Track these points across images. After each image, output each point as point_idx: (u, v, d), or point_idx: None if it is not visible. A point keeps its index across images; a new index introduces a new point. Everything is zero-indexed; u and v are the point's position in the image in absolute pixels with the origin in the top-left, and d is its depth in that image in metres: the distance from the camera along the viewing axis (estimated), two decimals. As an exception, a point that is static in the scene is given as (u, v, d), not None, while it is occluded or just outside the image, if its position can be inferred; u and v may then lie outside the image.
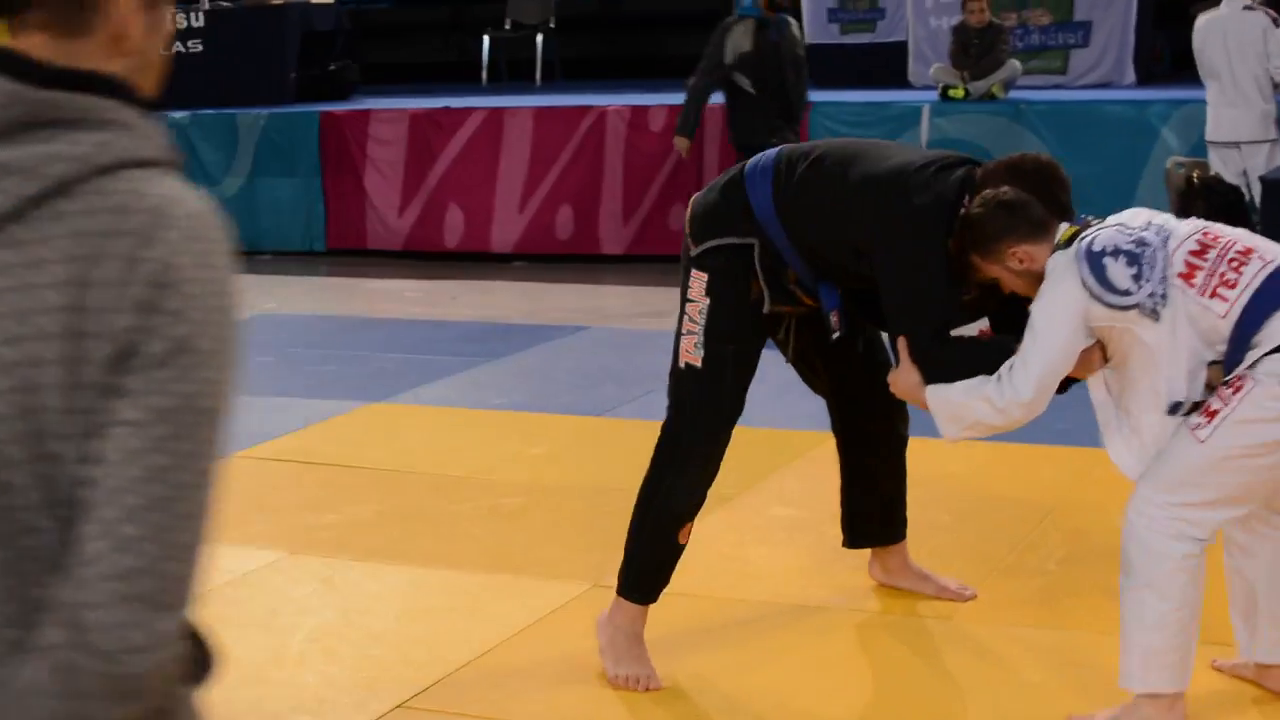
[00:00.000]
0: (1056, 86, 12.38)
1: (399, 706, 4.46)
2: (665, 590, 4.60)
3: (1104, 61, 12.38)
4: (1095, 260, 3.79)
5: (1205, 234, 3.87)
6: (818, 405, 5.05)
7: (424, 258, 12.54)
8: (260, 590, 5.40)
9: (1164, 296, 3.74)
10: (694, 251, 4.48)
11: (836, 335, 4.47)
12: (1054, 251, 3.91)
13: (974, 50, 11.15)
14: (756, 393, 4.62)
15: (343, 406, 7.80)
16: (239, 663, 4.60)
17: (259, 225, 13.15)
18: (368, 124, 12.78)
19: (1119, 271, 3.77)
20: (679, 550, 4.56)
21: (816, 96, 11.79)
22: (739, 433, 4.63)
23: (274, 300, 10.91)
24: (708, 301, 4.42)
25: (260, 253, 13.07)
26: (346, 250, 12.94)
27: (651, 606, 4.58)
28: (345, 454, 6.95)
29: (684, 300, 4.48)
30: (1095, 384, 3.99)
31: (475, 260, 12.41)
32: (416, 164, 12.61)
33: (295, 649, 4.88)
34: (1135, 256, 3.77)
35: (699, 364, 4.44)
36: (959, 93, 11.01)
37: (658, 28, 16.54)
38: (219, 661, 1.75)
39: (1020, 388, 3.87)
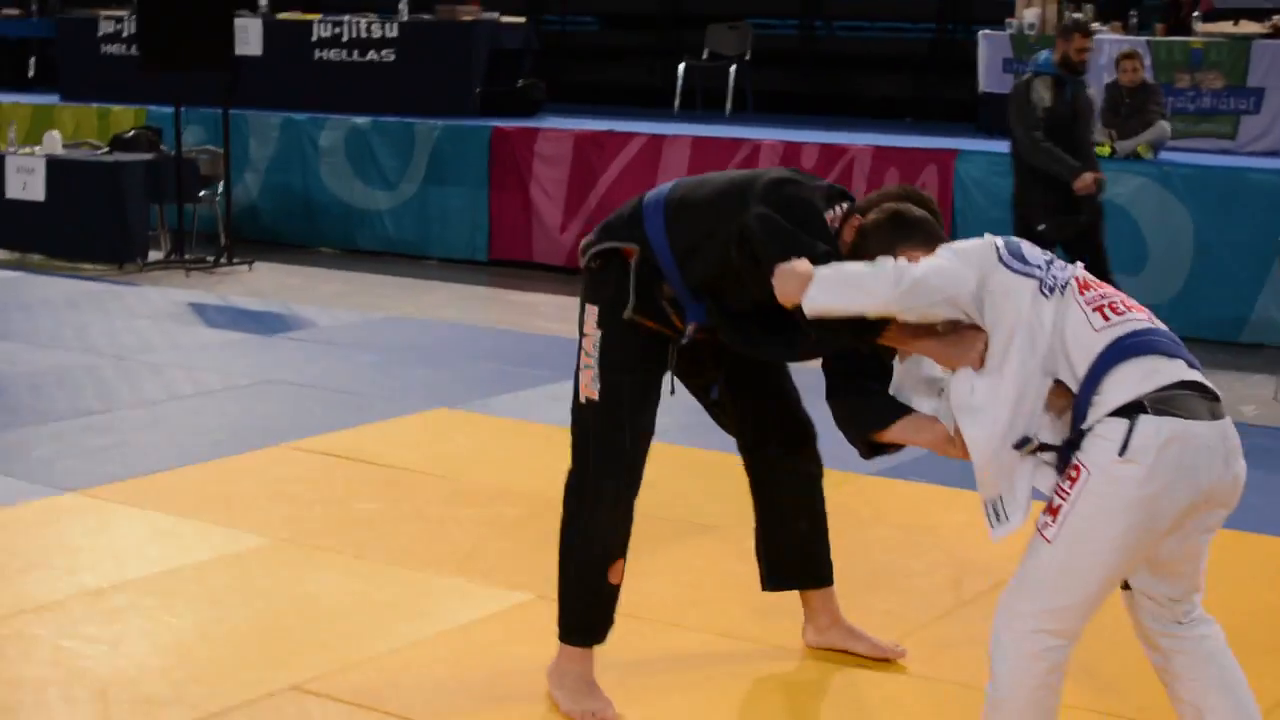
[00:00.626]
0: (1224, 152, 12.12)
1: (294, 687, 4.61)
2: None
3: (1274, 129, 12.09)
4: (1011, 242, 3.77)
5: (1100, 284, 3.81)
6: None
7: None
8: (226, 573, 5.61)
9: (1062, 289, 3.68)
10: (582, 261, 4.51)
11: (684, 341, 4.43)
12: None
13: (1124, 109, 11.02)
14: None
15: (414, 409, 7.98)
16: (172, 631, 4.88)
17: (428, 231, 13.54)
18: (535, 141, 13.03)
19: (1033, 251, 3.75)
20: (612, 590, 4.53)
21: (965, 145, 11.77)
22: (732, 461, 4.70)
23: (413, 305, 11.24)
24: (600, 333, 4.44)
25: (426, 257, 13.44)
26: (509, 261, 13.20)
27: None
28: (383, 454, 7.15)
29: (580, 334, 4.50)
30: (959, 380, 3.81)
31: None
32: (579, 183, 12.83)
33: (227, 626, 5.08)
34: (1047, 256, 3.76)
35: (597, 397, 4.45)
36: (1104, 150, 10.85)
37: (856, 67, 16.56)
38: None
39: (902, 278, 3.71)
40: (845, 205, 4.22)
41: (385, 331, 10.10)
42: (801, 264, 3.89)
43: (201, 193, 13.18)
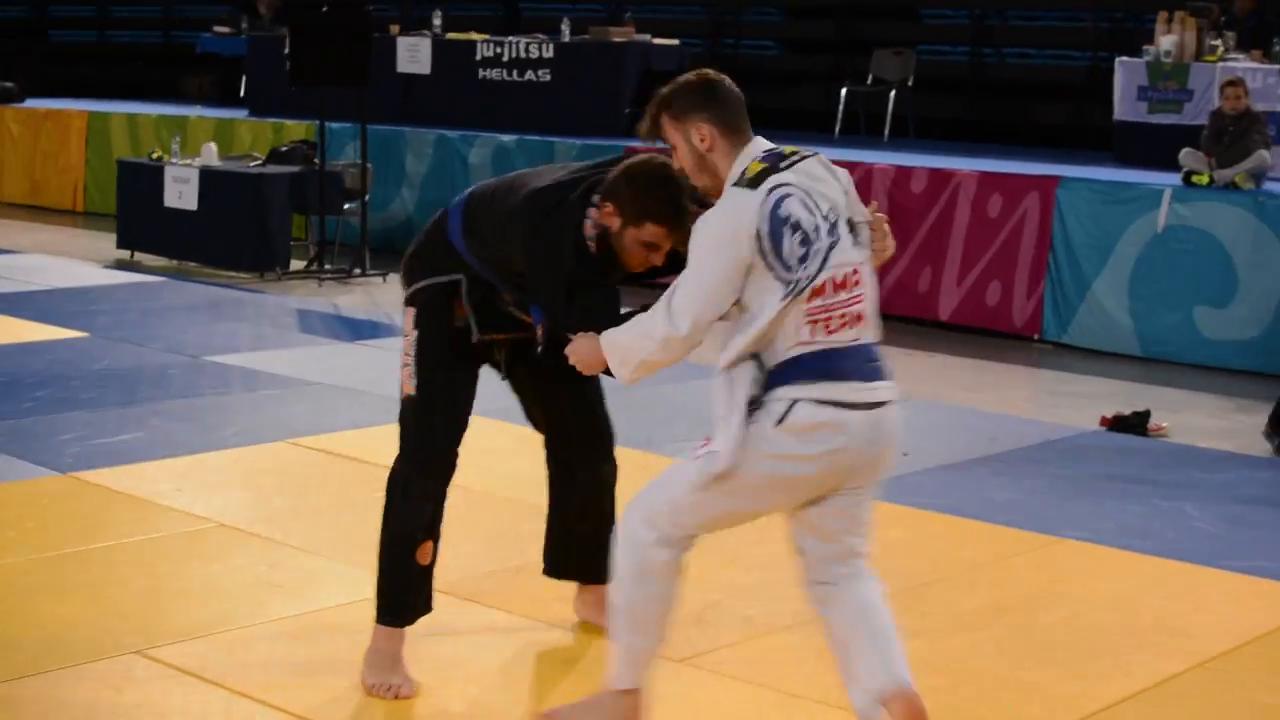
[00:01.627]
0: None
1: (138, 651, 4.91)
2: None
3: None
4: (777, 224, 3.87)
5: (854, 271, 3.96)
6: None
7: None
8: (154, 550, 5.93)
9: (800, 292, 3.87)
10: (405, 293, 4.79)
11: (540, 348, 4.68)
12: (740, 182, 3.95)
13: (1226, 137, 10.83)
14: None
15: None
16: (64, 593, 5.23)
17: (566, 249, 13.79)
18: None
19: (791, 248, 3.88)
20: (423, 571, 4.77)
21: (1068, 171, 11.68)
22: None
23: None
24: (416, 334, 4.72)
25: (564, 275, 13.71)
26: (641, 280, 13.39)
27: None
28: (380, 452, 7.37)
29: (402, 336, 4.78)
30: None
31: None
32: (706, 204, 13.00)
33: (111, 597, 5.40)
34: (807, 240, 3.89)
35: (414, 392, 4.71)
36: (1203, 179, 10.70)
37: (1023, 94, 16.47)
38: None
39: (678, 323, 3.93)
40: (597, 197, 4.39)
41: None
42: (585, 346, 4.22)
43: (346, 205, 13.65)
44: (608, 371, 4.23)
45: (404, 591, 4.76)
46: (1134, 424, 8.36)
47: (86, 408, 8.08)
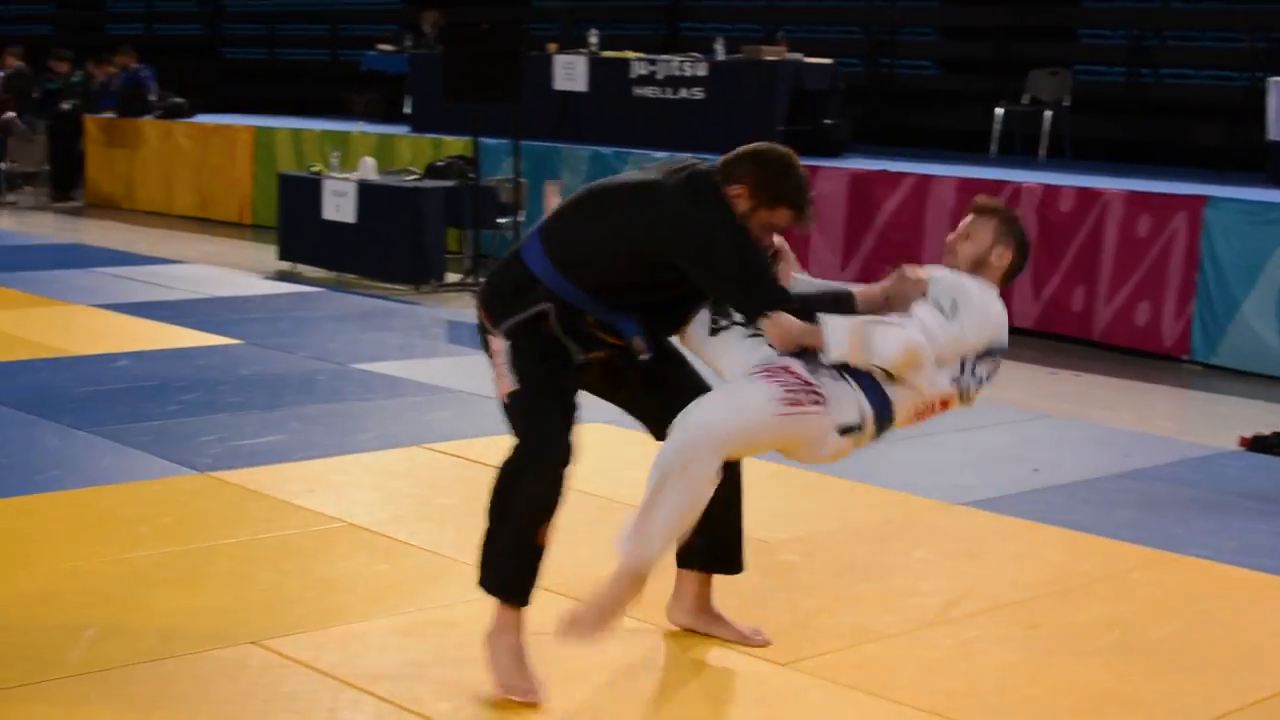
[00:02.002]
0: None
1: (254, 642, 5.06)
2: None
3: None
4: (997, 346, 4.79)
5: None
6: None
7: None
8: (278, 548, 6.11)
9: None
10: (492, 333, 4.81)
11: (646, 357, 4.76)
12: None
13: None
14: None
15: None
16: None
17: (716, 266, 13.88)
18: (813, 180, 13.24)
19: (985, 371, 4.84)
20: (539, 552, 4.78)
21: (1219, 192, 11.55)
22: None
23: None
24: (508, 343, 4.75)
25: (712, 291, 13.80)
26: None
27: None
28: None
29: (491, 365, 4.82)
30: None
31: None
32: (855, 221, 13.05)
33: (235, 591, 5.55)
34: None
35: (517, 387, 4.75)
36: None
37: (1180, 114, 16.29)
38: None
39: (924, 343, 4.57)
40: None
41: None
42: (791, 324, 4.58)
43: (500, 220, 13.84)
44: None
45: (523, 570, 4.77)
46: (1273, 444, 8.25)
47: (230, 411, 8.29)
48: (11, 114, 20.48)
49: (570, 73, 15.84)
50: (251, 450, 7.49)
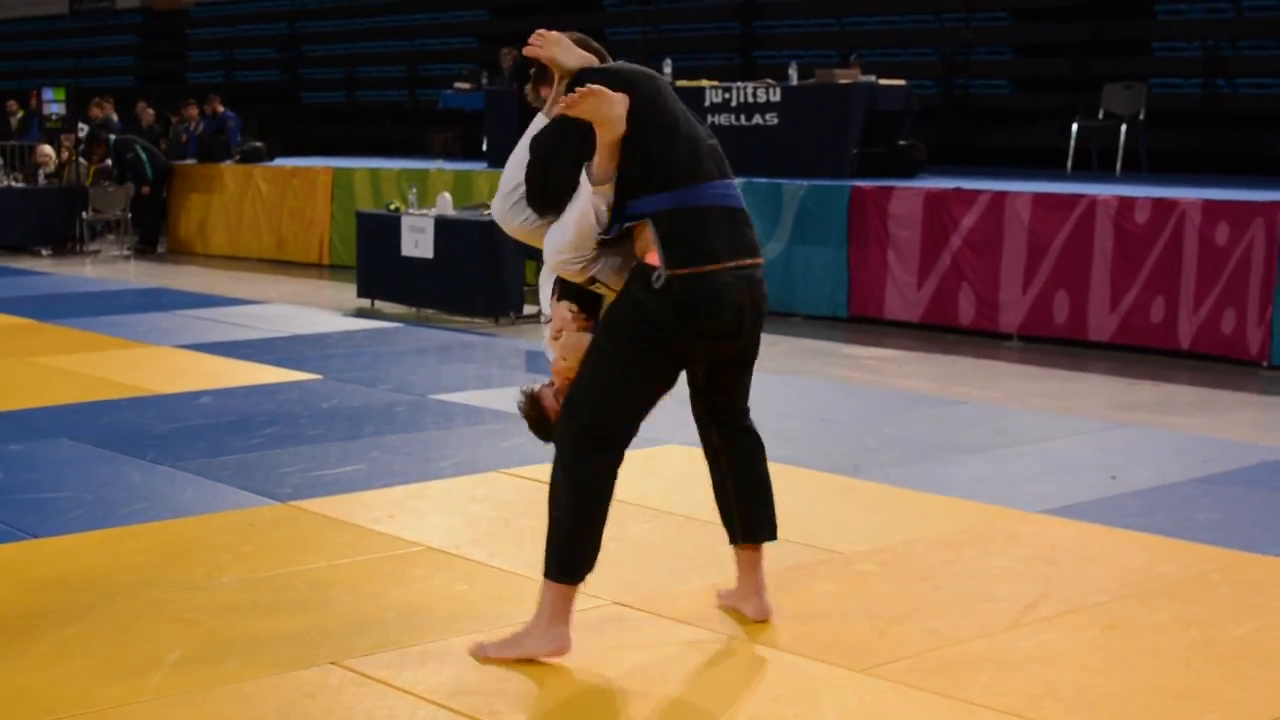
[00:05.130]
0: None
1: (333, 662, 5.11)
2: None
3: None
4: None
5: None
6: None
7: (938, 330, 13.00)
8: (358, 572, 6.17)
9: None
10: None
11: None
12: None
13: None
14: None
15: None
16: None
17: (793, 290, 13.93)
18: (889, 201, 13.31)
19: None
20: (598, 533, 5.11)
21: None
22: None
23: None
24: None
25: (792, 315, 13.85)
26: (867, 318, 13.50)
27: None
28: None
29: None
30: None
31: (983, 336, 12.72)
32: (931, 240, 13.04)
33: (315, 614, 5.61)
34: None
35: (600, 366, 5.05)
36: None
37: (1257, 125, 16.18)
38: None
39: None
40: None
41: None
42: None
43: (577, 250, 13.88)
44: None
45: (581, 550, 5.01)
46: (1355, 447, 8.17)
47: (311, 442, 8.38)
48: (108, 162, 20.80)
49: (643, 103, 15.89)
50: (332, 480, 7.57)
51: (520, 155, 5.15)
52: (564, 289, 5.22)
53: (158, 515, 6.92)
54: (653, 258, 4.89)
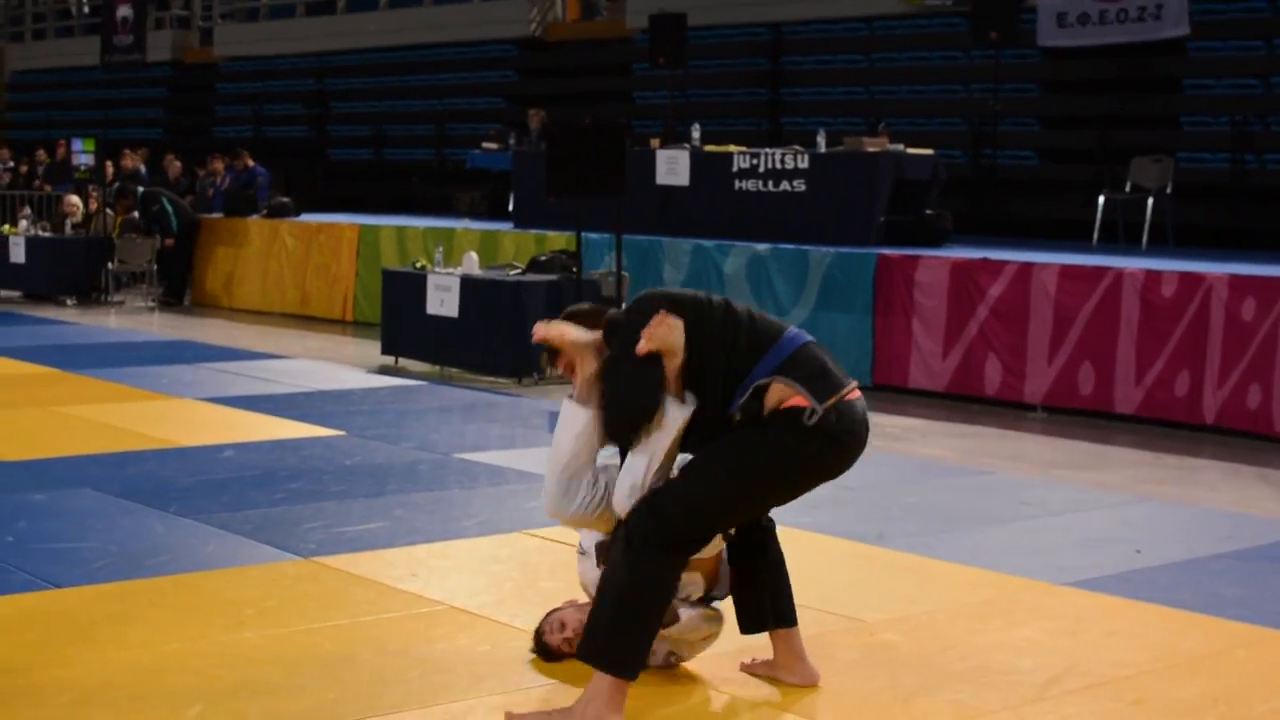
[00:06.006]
0: None
1: (356, 724, 5.11)
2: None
3: None
4: None
5: None
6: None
7: (963, 400, 12.99)
8: (381, 630, 6.15)
9: None
10: None
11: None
12: None
13: None
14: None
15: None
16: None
17: (817, 355, 13.90)
18: (915, 269, 13.32)
19: None
20: (656, 630, 5.12)
21: (1324, 272, 11.47)
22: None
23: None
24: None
25: (815, 381, 13.81)
26: (891, 387, 13.48)
27: None
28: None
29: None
30: None
31: (1008, 406, 12.71)
32: (957, 310, 13.04)
33: (337, 671, 5.60)
34: None
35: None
36: None
37: (1280, 200, 16.20)
38: None
39: None
40: None
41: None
42: None
43: (602, 313, 13.90)
44: None
45: (641, 644, 4.94)
46: (1380, 525, 8.14)
47: (334, 499, 8.38)
48: (135, 213, 20.89)
49: (673, 167, 15.98)
50: (355, 536, 7.57)
51: (563, 442, 5.13)
52: None
53: (180, 568, 6.92)
54: (798, 400, 4.90)
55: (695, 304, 5.07)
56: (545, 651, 5.65)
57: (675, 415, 4.96)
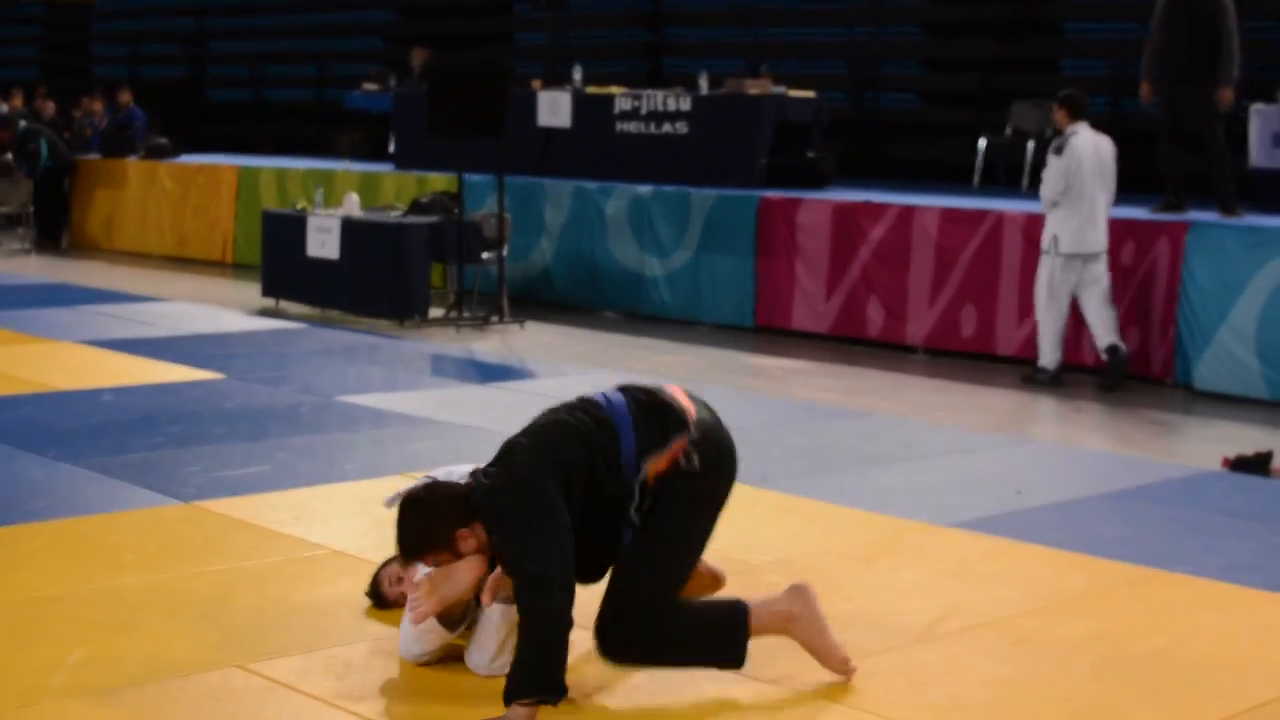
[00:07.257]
0: None
1: (238, 665, 5.04)
2: None
3: None
4: None
5: None
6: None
7: (846, 342, 13.05)
8: (262, 575, 6.09)
9: None
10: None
11: None
12: None
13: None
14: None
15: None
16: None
17: (700, 299, 13.94)
18: (797, 211, 13.34)
19: None
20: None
21: (1198, 217, 11.60)
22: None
23: (644, 364, 11.65)
24: None
25: (698, 323, 13.85)
26: (774, 329, 13.52)
27: None
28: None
29: None
30: None
31: (890, 348, 12.78)
32: (839, 253, 13.08)
33: (219, 616, 5.54)
34: None
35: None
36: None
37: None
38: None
39: None
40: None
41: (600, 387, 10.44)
42: None
43: (484, 254, 13.86)
44: None
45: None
46: (1256, 464, 8.28)
47: (215, 442, 8.28)
48: (9, 155, 20.50)
49: (554, 109, 15.90)
50: (236, 480, 7.49)
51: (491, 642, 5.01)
52: None
53: (60, 513, 6.81)
54: (668, 459, 4.84)
55: (559, 464, 4.79)
56: (380, 600, 5.62)
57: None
